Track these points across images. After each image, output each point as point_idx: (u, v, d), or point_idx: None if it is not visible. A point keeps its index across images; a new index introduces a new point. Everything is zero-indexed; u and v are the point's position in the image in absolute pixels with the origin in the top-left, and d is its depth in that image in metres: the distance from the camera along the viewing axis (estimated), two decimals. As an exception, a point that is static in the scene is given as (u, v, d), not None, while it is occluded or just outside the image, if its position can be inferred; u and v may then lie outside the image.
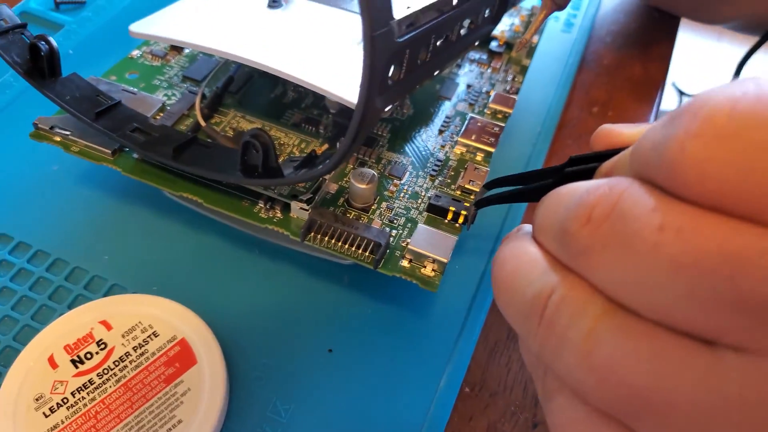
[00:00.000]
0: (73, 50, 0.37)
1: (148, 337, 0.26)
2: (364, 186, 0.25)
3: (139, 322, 0.27)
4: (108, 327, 0.27)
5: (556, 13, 0.43)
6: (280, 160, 0.25)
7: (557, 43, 0.41)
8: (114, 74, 0.31)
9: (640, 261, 0.13)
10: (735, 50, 1.35)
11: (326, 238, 0.24)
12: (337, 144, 0.28)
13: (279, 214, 0.26)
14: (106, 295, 0.29)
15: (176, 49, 0.32)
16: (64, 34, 0.38)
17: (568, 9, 0.43)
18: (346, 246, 0.24)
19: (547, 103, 0.38)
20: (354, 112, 0.20)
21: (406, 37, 0.21)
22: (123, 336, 0.26)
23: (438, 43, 0.25)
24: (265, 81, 0.32)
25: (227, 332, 0.27)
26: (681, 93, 0.65)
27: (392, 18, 0.19)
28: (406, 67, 0.23)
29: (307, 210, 0.25)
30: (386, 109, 0.23)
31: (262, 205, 0.26)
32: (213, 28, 0.27)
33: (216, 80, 0.31)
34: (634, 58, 0.42)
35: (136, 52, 0.32)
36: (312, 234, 0.24)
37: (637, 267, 0.14)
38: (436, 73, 0.27)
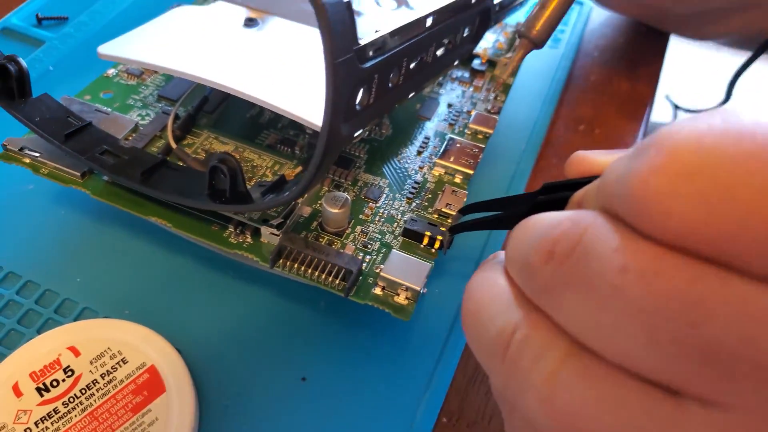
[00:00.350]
0: (54, 66, 0.36)
1: (116, 363, 0.26)
2: (336, 210, 0.25)
3: (108, 348, 0.26)
4: (76, 353, 0.26)
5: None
6: (251, 184, 0.24)
7: (544, 59, 0.40)
8: (88, 93, 0.30)
9: (602, 303, 0.13)
10: (730, 60, 1.34)
11: (296, 265, 0.24)
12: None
13: (249, 239, 0.25)
14: (77, 318, 0.28)
15: (152, 67, 0.32)
16: (45, 51, 0.37)
17: (555, 24, 0.43)
18: (317, 273, 0.23)
19: (532, 120, 0.37)
20: (318, 140, 0.19)
21: (374, 62, 0.20)
22: (91, 363, 0.26)
23: (412, 66, 0.25)
24: (242, 101, 0.31)
25: (198, 359, 0.26)
26: (676, 107, 0.64)
27: (357, 44, 0.19)
28: (375, 92, 0.22)
29: (278, 235, 0.24)
30: (356, 134, 0.22)
31: (232, 230, 0.25)
32: (184, 49, 0.26)
33: (192, 99, 0.30)
34: (621, 75, 0.42)
35: (111, 71, 0.32)
36: (282, 260, 0.24)
37: (600, 309, 0.13)
38: (411, 95, 0.26)
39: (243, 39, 0.28)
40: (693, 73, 1.30)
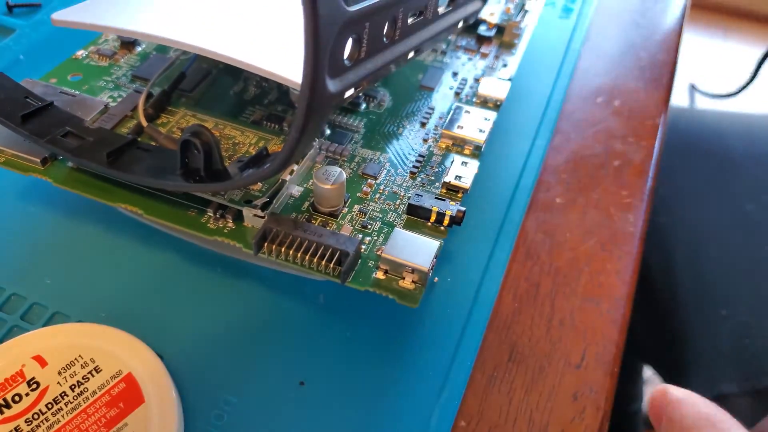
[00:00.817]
0: (24, 55, 0.34)
1: (88, 373, 0.23)
2: (329, 186, 0.21)
3: (79, 356, 0.23)
4: (42, 363, 0.23)
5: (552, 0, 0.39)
6: (229, 163, 0.21)
7: (555, 30, 0.37)
8: (54, 76, 0.28)
9: None
10: (742, 49, 1.31)
11: (284, 249, 0.20)
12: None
13: (231, 224, 0.22)
14: (46, 325, 0.25)
15: (126, 47, 0.29)
16: (15, 39, 0.35)
17: (565, -6, 0.40)
18: (308, 257, 0.20)
19: (546, 94, 0.34)
20: (299, 96, 0.16)
21: (362, 5, 0.17)
22: (59, 373, 0.23)
23: (410, 20, 0.22)
24: (225, 77, 0.28)
25: (183, 364, 0.24)
26: (694, 88, 0.60)
27: (340, -24, 0.16)
28: (367, 45, 0.19)
29: (263, 217, 0.21)
30: (347, 94, 0.19)
31: (212, 214, 0.22)
32: (150, 12, 0.23)
33: (169, 79, 0.27)
34: (638, 44, 0.38)
35: (81, 52, 0.29)
36: (267, 244, 0.21)
37: None
38: (410, 55, 0.23)
39: (217, 1, 0.25)
40: (705, 61, 1.27)
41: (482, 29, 0.31)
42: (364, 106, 0.27)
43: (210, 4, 0.24)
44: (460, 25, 0.27)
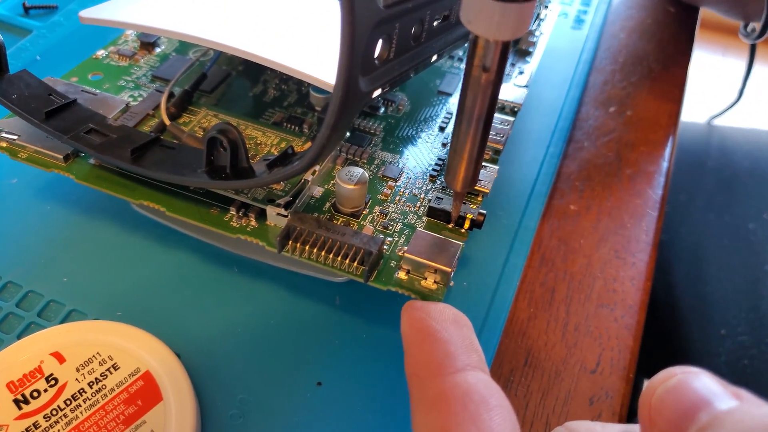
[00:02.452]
0: (41, 56, 0.34)
1: (106, 370, 0.23)
2: (352, 187, 0.22)
3: (98, 353, 0.23)
4: (60, 359, 0.23)
5: (565, 10, 0.40)
6: (254, 162, 0.21)
7: (568, 40, 0.38)
8: (75, 75, 0.28)
9: None
10: (740, 65, 1.32)
11: (307, 248, 0.20)
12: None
13: (253, 222, 0.22)
14: (63, 322, 0.25)
15: (146, 47, 0.29)
16: (32, 40, 0.35)
17: (577, 5, 0.40)
18: (331, 256, 0.20)
19: (560, 103, 0.34)
20: (332, 93, 0.16)
21: (395, 5, 0.18)
22: (77, 370, 0.23)
23: (435, 23, 0.22)
24: (245, 79, 0.28)
25: (199, 363, 0.24)
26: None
27: (376, -23, 0.16)
28: (396, 44, 0.19)
29: (286, 216, 0.21)
30: (374, 94, 0.19)
31: (234, 213, 0.22)
32: (178, 12, 0.23)
33: (189, 80, 0.27)
34: (651, 55, 0.39)
35: (101, 52, 0.29)
36: (290, 243, 0.21)
37: None
38: (434, 58, 0.23)
39: (249, 1, 0.25)
40: (706, 78, 1.27)
41: (499, 37, 0.32)
42: (382, 109, 0.28)
43: (234, 2, 0.24)
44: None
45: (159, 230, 0.27)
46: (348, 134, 0.26)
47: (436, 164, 0.25)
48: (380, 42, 0.19)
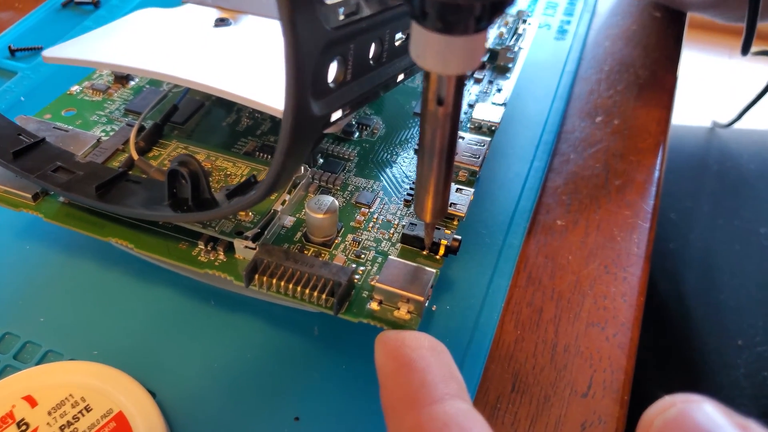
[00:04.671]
0: (25, 96, 0.34)
1: (79, 412, 0.22)
2: (321, 216, 0.21)
3: (70, 395, 0.23)
4: (32, 403, 0.23)
5: (547, 21, 0.39)
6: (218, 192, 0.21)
7: (550, 51, 0.37)
8: (49, 112, 0.28)
9: None
10: (748, 67, 1.31)
11: (274, 280, 0.20)
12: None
13: (222, 256, 0.22)
14: (39, 363, 0.25)
15: (120, 81, 0.29)
16: (17, 81, 0.35)
17: (560, 16, 0.40)
18: (299, 288, 0.20)
19: (544, 116, 0.33)
20: (282, 119, 0.16)
21: (345, 25, 0.17)
22: (49, 413, 0.22)
23: (397, 43, 0.22)
24: (219, 108, 0.28)
25: (176, 401, 0.23)
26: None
27: (320, 0, 0.16)
28: (353, 66, 0.19)
29: (254, 248, 0.21)
30: (333, 118, 0.19)
31: (202, 247, 0.22)
32: (139, 48, 0.23)
33: (162, 112, 0.27)
34: (638, 62, 0.38)
35: (75, 88, 0.29)
36: (257, 276, 0.20)
37: None
38: (400, 78, 0.23)
39: (209, 37, 0.25)
40: (710, 81, 1.26)
41: (476, 53, 0.31)
42: (357, 134, 0.27)
43: (197, 40, 0.24)
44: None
45: (137, 265, 0.26)
46: (321, 161, 0.26)
47: (411, 188, 0.24)
48: (335, 64, 0.18)
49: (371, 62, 0.20)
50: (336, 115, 0.19)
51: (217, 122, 0.27)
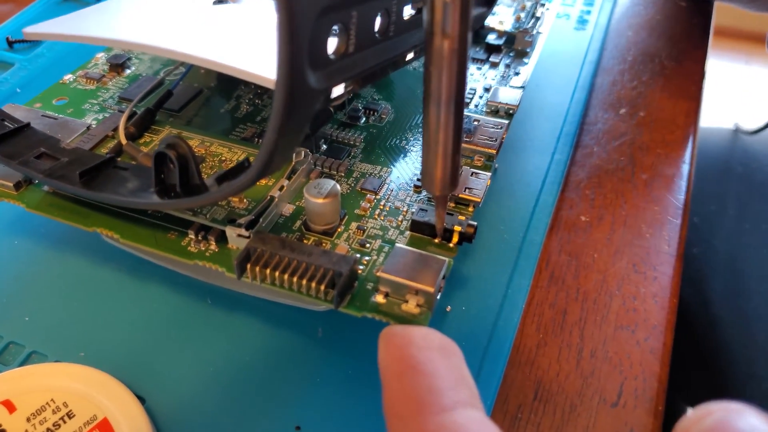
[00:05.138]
0: (21, 88, 0.33)
1: (60, 419, 0.21)
2: (321, 201, 0.19)
3: (52, 400, 0.21)
4: (11, 408, 0.21)
5: (566, 11, 0.37)
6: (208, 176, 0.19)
7: (570, 42, 0.35)
8: (40, 101, 0.26)
9: None
10: (765, 73, 1.29)
11: (268, 271, 0.18)
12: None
13: (213, 246, 0.20)
14: (22, 365, 0.23)
15: (115, 69, 0.28)
16: (13, 73, 0.34)
17: (580, 6, 0.38)
18: (295, 279, 0.18)
19: (564, 107, 0.31)
20: (275, 90, 0.14)
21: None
22: (28, 420, 0.21)
23: (406, 15, 0.20)
24: (217, 95, 0.27)
25: (167, 408, 0.21)
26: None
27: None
28: (356, 37, 0.17)
29: (248, 237, 0.19)
30: (335, 93, 0.17)
31: (193, 236, 0.20)
32: (124, 22, 0.22)
33: (156, 99, 0.25)
34: (663, 52, 0.36)
35: (68, 77, 0.28)
36: (250, 266, 0.18)
37: None
38: (409, 56, 0.21)
39: (205, 13, 0.23)
40: (730, 87, 1.24)
41: (491, 38, 0.29)
42: (363, 119, 0.25)
43: (192, 16, 0.23)
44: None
45: (130, 261, 0.25)
46: (324, 146, 0.24)
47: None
48: (336, 34, 0.16)
49: (377, 35, 0.18)
50: (337, 90, 0.17)
51: (215, 109, 0.26)
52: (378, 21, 0.18)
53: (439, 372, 0.15)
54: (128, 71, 0.28)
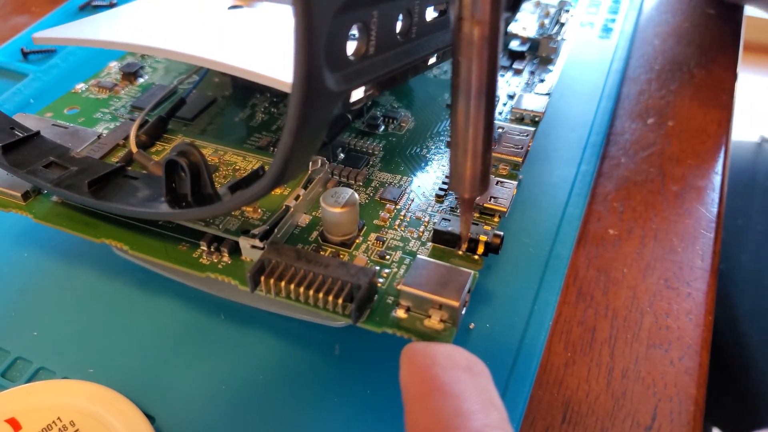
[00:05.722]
0: (35, 99, 0.32)
1: (66, 438, 0.20)
2: (339, 210, 0.18)
3: (58, 419, 0.20)
4: (16, 426, 0.20)
5: (590, 20, 0.36)
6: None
7: (595, 50, 0.34)
8: (51, 111, 0.26)
9: None
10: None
11: (283, 284, 0.17)
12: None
13: (226, 258, 0.19)
14: (29, 381, 0.22)
15: (128, 78, 0.27)
16: (27, 83, 0.33)
17: (604, 14, 0.37)
18: (311, 293, 0.17)
19: (590, 117, 0.30)
20: (291, 92, 0.13)
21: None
22: (34, 438, 0.20)
23: (429, 18, 0.19)
24: (232, 104, 0.26)
25: (176, 428, 0.20)
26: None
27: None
28: (376, 38, 0.16)
29: (262, 248, 0.18)
30: (354, 97, 0.16)
31: (205, 248, 0.19)
32: (132, 26, 0.21)
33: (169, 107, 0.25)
34: (692, 61, 0.35)
35: (80, 86, 0.27)
36: (264, 278, 0.17)
37: None
38: (431, 60, 0.20)
39: (219, 18, 0.22)
40: (746, 102, 1.22)
41: (514, 44, 0.28)
42: (382, 128, 0.24)
43: (206, 21, 0.22)
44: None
45: (139, 275, 0.24)
46: (342, 155, 0.23)
47: (444, 183, 0.21)
48: (356, 35, 0.15)
49: (398, 37, 0.17)
50: (357, 94, 0.16)
51: (229, 118, 0.25)
52: (399, 22, 0.17)
53: (466, 393, 0.14)
54: (141, 80, 0.27)
